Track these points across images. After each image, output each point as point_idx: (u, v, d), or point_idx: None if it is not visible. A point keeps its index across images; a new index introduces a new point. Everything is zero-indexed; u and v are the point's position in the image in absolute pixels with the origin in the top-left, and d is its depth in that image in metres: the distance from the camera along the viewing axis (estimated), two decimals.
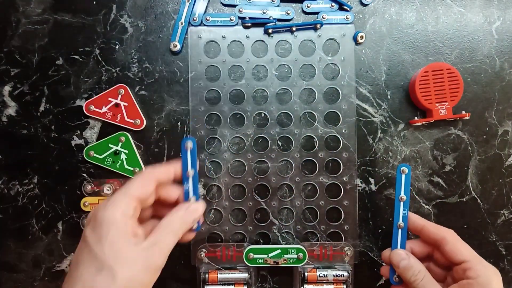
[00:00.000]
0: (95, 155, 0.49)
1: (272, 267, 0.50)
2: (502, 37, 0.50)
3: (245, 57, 0.50)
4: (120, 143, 0.49)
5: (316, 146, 0.50)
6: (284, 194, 0.50)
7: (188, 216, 0.39)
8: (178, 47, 0.49)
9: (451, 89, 0.48)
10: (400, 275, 0.42)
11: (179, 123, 0.50)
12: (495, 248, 0.51)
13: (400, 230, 0.44)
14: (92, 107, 0.49)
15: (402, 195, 0.44)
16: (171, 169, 0.40)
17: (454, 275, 0.42)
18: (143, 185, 0.37)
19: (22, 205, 0.50)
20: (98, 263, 0.33)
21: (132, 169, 0.49)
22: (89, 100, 0.49)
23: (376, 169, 0.50)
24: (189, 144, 0.40)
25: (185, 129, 0.50)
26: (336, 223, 0.50)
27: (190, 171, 0.40)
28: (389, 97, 0.50)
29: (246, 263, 0.49)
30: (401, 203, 0.44)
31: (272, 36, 0.50)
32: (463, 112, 0.48)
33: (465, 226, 0.50)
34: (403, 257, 0.42)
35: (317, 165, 0.50)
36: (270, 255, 0.49)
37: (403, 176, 0.44)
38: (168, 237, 0.37)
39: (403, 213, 0.44)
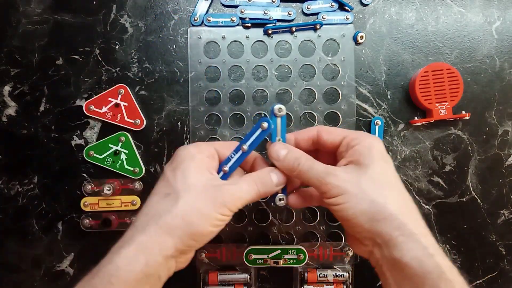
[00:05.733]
0: (95, 155, 0.49)
1: (272, 267, 0.50)
2: (502, 37, 0.50)
3: (245, 58, 0.50)
4: (120, 143, 0.49)
5: None
6: None
7: (279, 176, 0.38)
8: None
9: (451, 89, 0.48)
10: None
11: (179, 123, 0.50)
12: (495, 248, 0.51)
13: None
14: (92, 107, 0.49)
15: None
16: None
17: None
18: (224, 145, 0.39)
19: (22, 205, 0.50)
20: (167, 188, 0.35)
21: (132, 169, 0.49)
22: (89, 100, 0.49)
23: None
24: (265, 125, 0.37)
25: (185, 129, 0.50)
26: (336, 223, 0.50)
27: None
28: (389, 97, 0.50)
29: (246, 263, 0.49)
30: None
31: (272, 37, 0.50)
32: (463, 112, 0.48)
33: (465, 226, 0.50)
34: (282, 147, 0.38)
35: None
36: (270, 255, 0.49)
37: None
38: (246, 186, 0.36)
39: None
